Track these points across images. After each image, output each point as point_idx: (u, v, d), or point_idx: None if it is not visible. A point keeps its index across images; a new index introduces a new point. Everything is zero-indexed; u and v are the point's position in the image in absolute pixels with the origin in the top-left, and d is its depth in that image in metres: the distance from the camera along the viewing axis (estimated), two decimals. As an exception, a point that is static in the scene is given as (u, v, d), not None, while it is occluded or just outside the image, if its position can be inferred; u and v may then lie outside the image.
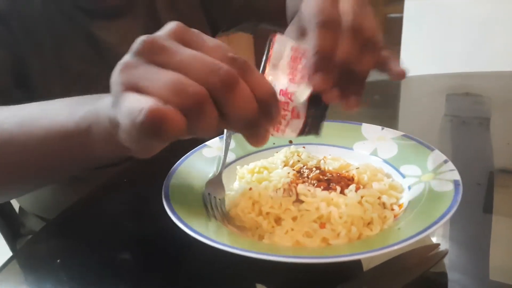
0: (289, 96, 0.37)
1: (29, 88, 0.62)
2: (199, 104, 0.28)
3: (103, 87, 0.40)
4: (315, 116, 0.37)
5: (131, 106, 0.28)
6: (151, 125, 0.27)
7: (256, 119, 0.31)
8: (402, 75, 0.39)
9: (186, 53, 0.30)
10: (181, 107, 0.28)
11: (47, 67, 0.62)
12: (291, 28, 0.44)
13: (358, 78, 0.37)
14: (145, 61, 0.30)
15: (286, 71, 0.37)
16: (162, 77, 0.29)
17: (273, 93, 0.32)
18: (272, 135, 0.37)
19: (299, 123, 0.37)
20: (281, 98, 0.36)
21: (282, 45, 0.37)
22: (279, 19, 0.75)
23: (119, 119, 0.30)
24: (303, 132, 0.38)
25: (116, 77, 0.31)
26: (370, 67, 0.37)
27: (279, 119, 0.36)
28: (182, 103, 0.28)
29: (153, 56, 0.30)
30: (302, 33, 0.39)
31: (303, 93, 0.37)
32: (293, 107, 0.37)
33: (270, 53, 0.37)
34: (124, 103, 0.29)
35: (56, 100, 0.44)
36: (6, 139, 0.43)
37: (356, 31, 0.36)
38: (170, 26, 0.32)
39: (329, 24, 0.35)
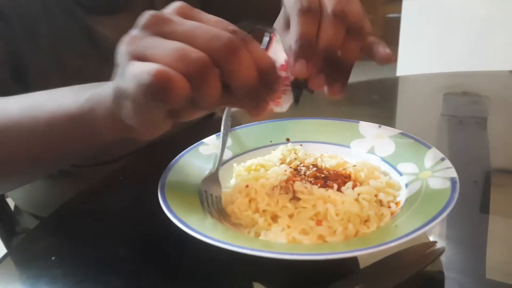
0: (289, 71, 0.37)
1: (27, 82, 0.62)
2: (202, 70, 0.29)
3: (102, 83, 0.40)
4: (297, 91, 0.39)
5: (138, 71, 0.30)
6: (158, 86, 0.29)
7: (257, 88, 0.32)
8: (388, 58, 0.39)
9: (189, 23, 0.31)
10: (185, 73, 0.29)
11: (45, 62, 0.62)
12: (277, 21, 0.44)
13: (343, 64, 0.37)
14: (151, 33, 0.31)
15: (281, 57, 0.38)
16: (166, 46, 0.30)
17: (273, 65, 0.33)
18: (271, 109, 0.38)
19: (289, 97, 0.39)
20: (282, 73, 0.37)
21: (277, 46, 0.38)
22: (276, 17, 0.75)
23: (125, 86, 0.31)
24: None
25: (122, 48, 0.32)
26: (355, 53, 0.37)
27: (280, 93, 0.37)
28: (186, 69, 0.29)
29: (158, 27, 0.31)
30: (287, 24, 0.39)
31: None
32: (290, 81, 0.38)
33: (268, 47, 0.38)
34: (130, 69, 0.31)
35: (62, 88, 0.44)
36: (12, 124, 0.43)
37: (339, 16, 0.36)
38: (175, 4, 0.33)
39: (309, 10, 0.35)
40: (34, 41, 0.61)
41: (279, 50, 0.37)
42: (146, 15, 0.32)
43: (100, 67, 0.68)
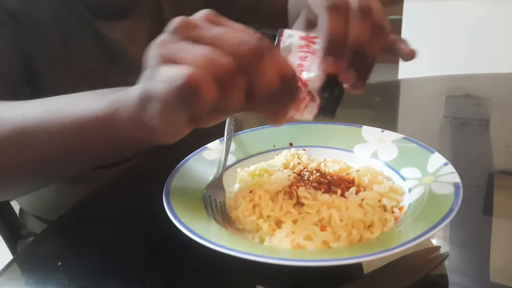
0: (303, 82, 0.38)
1: (38, 86, 0.63)
2: (229, 75, 0.30)
3: (111, 86, 0.40)
4: (329, 99, 0.39)
5: (171, 74, 0.31)
6: (190, 89, 0.29)
7: (279, 93, 0.32)
8: (412, 54, 0.40)
9: (217, 29, 0.32)
10: (213, 77, 0.30)
11: (55, 65, 0.63)
12: (298, 22, 0.44)
13: (367, 60, 0.38)
14: (180, 37, 0.32)
15: (296, 63, 0.38)
16: (195, 50, 0.31)
17: (294, 74, 0.33)
18: (291, 116, 0.39)
19: (315, 106, 0.39)
20: None
21: (290, 38, 0.39)
22: (281, 22, 0.75)
23: (156, 88, 0.32)
24: (319, 114, 0.39)
25: (152, 52, 0.33)
26: (379, 50, 0.38)
27: (299, 101, 0.38)
28: (214, 73, 0.30)
29: (187, 32, 0.32)
30: (310, 25, 0.40)
31: (316, 79, 0.38)
32: (308, 91, 0.38)
33: (278, 46, 0.39)
34: (162, 72, 0.31)
35: (84, 92, 0.45)
36: (37, 126, 0.44)
37: (365, 13, 0.36)
38: (203, 11, 0.34)
39: (338, 7, 0.36)
40: (45, 45, 0.62)
41: (294, 46, 0.38)
42: (176, 20, 0.33)
43: (109, 70, 0.69)
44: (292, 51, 0.38)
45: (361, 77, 0.38)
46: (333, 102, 0.39)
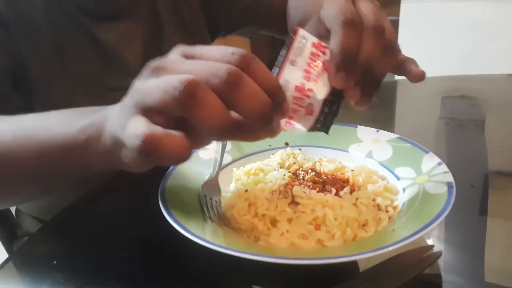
0: (305, 92, 0.36)
1: (30, 91, 0.62)
2: (192, 91, 0.28)
3: (106, 89, 0.39)
4: (328, 113, 0.37)
5: (131, 132, 0.29)
6: (148, 150, 0.28)
7: (267, 111, 0.31)
8: (422, 76, 0.41)
9: (188, 63, 0.31)
10: (179, 103, 0.28)
11: (49, 69, 0.62)
12: (308, 30, 0.44)
13: (375, 79, 0.38)
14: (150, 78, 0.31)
15: (303, 67, 0.37)
16: (156, 83, 0.30)
17: (278, 85, 0.32)
18: (282, 129, 0.37)
19: (311, 119, 0.37)
20: (296, 94, 0.36)
21: (304, 40, 0.37)
22: (280, 24, 0.75)
23: (123, 141, 0.31)
24: (313, 128, 0.38)
25: (126, 101, 0.32)
26: (388, 69, 0.38)
27: (291, 113, 0.36)
28: (178, 100, 0.28)
29: (158, 74, 0.31)
30: (320, 36, 0.39)
31: (321, 90, 0.36)
32: (309, 103, 0.36)
33: (291, 46, 0.37)
34: (128, 127, 0.30)
35: (51, 112, 0.44)
36: (4, 152, 0.43)
37: (379, 32, 0.36)
38: (176, 47, 0.33)
39: (353, 23, 0.36)
40: (37, 49, 0.61)
41: (295, 70, 0.36)
42: (149, 66, 0.32)
43: (104, 73, 0.69)
44: (303, 54, 0.37)
45: (366, 94, 0.38)
46: (330, 118, 0.38)
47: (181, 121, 0.30)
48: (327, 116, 0.37)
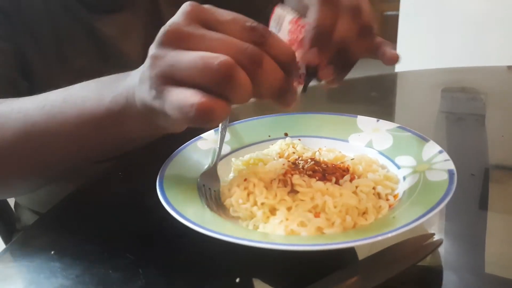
0: None
1: (32, 84, 0.62)
2: (230, 72, 0.30)
3: None
4: (307, 80, 0.39)
5: (180, 102, 0.31)
6: (203, 117, 0.30)
7: (284, 84, 0.33)
8: (394, 59, 0.41)
9: (209, 36, 0.32)
10: (223, 93, 0.30)
11: (49, 62, 0.62)
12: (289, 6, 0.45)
13: (349, 59, 0.38)
14: (171, 50, 0.32)
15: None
16: (190, 59, 0.31)
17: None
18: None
19: (299, 89, 0.39)
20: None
21: (281, 17, 0.38)
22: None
23: (166, 111, 0.32)
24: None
25: (148, 71, 0.33)
26: (363, 51, 0.39)
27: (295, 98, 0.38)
28: (222, 89, 0.30)
29: (179, 44, 0.32)
30: (300, 14, 0.39)
31: (302, 64, 0.38)
32: (300, 74, 0.38)
33: (269, 25, 0.38)
34: (170, 98, 0.32)
35: (76, 85, 0.45)
36: (38, 132, 0.44)
37: (356, 12, 0.37)
38: (185, 7, 0.33)
39: (330, 1, 0.36)
40: (37, 41, 0.61)
41: (283, 27, 0.38)
42: (163, 31, 0.32)
43: (104, 65, 0.69)
44: (281, 31, 0.38)
45: (339, 74, 0.39)
46: (308, 81, 0.39)
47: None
48: (307, 81, 0.39)
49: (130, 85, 0.37)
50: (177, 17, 0.33)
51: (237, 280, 0.36)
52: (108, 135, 0.43)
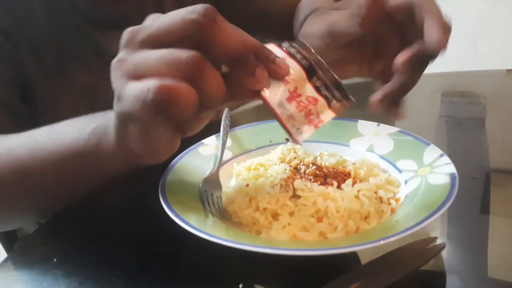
0: (297, 97, 0.35)
1: (36, 104, 0.61)
2: (197, 66, 0.29)
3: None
4: (329, 90, 0.37)
5: (138, 90, 0.29)
6: (163, 99, 0.28)
7: (245, 56, 0.31)
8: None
9: (158, 21, 0.31)
10: (183, 76, 0.29)
11: (53, 81, 0.61)
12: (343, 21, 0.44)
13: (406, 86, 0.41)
14: (133, 49, 0.31)
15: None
16: (152, 56, 0.30)
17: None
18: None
19: (327, 110, 0.37)
20: (293, 105, 0.35)
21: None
22: (288, 29, 0.74)
23: (128, 109, 0.31)
24: (334, 109, 0.37)
25: (113, 74, 0.32)
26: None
27: (310, 121, 0.36)
28: (182, 73, 0.29)
29: (135, 39, 0.31)
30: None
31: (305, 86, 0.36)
32: (307, 102, 0.36)
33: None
34: (128, 91, 0.30)
35: (63, 122, 0.45)
36: (21, 167, 0.44)
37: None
38: (123, 37, 0.33)
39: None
40: (41, 61, 0.60)
41: (275, 87, 0.34)
42: (124, 33, 0.32)
43: (109, 83, 0.67)
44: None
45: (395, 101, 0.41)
46: (338, 90, 0.37)
47: None
48: (332, 93, 0.37)
49: (109, 116, 0.37)
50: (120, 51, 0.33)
51: (240, 286, 0.36)
52: (87, 170, 0.42)
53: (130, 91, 0.30)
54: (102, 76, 0.64)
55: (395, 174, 0.46)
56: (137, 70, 0.30)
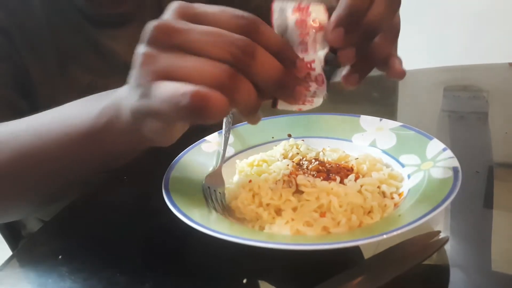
0: (308, 66, 0.34)
1: (36, 102, 0.61)
2: (229, 79, 0.29)
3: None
4: (329, 73, 0.36)
5: (170, 92, 0.29)
6: (196, 106, 0.28)
7: (284, 76, 0.32)
8: (402, 75, 0.39)
9: (198, 30, 0.30)
10: (217, 86, 0.29)
11: (53, 79, 0.61)
12: None
13: (372, 57, 0.37)
14: (162, 47, 0.31)
15: (295, 40, 0.34)
16: (187, 63, 0.30)
17: (284, 43, 0.33)
18: (300, 109, 0.36)
19: (323, 90, 0.35)
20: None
21: (282, 11, 0.34)
22: None
23: (155, 107, 0.31)
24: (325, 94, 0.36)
25: (139, 69, 0.31)
26: (388, 51, 0.37)
27: (304, 90, 0.35)
28: (217, 82, 0.29)
29: (168, 41, 0.30)
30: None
31: (321, 57, 0.34)
32: (316, 75, 0.34)
33: (271, 26, 0.34)
34: (160, 90, 0.30)
35: (67, 104, 0.44)
36: (27, 151, 0.43)
37: (393, 6, 0.35)
38: (172, 5, 0.32)
39: None
40: (40, 58, 0.60)
41: (289, 22, 0.34)
42: (150, 27, 0.31)
43: (110, 81, 0.67)
44: (288, 28, 0.34)
45: (359, 72, 0.37)
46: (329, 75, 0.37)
47: None
48: (328, 77, 0.36)
49: (119, 96, 0.37)
50: (165, 15, 0.32)
51: (244, 281, 0.36)
52: (93, 151, 0.42)
53: (162, 91, 0.30)
54: (102, 74, 0.64)
55: (398, 169, 0.46)
56: (171, 71, 0.30)
